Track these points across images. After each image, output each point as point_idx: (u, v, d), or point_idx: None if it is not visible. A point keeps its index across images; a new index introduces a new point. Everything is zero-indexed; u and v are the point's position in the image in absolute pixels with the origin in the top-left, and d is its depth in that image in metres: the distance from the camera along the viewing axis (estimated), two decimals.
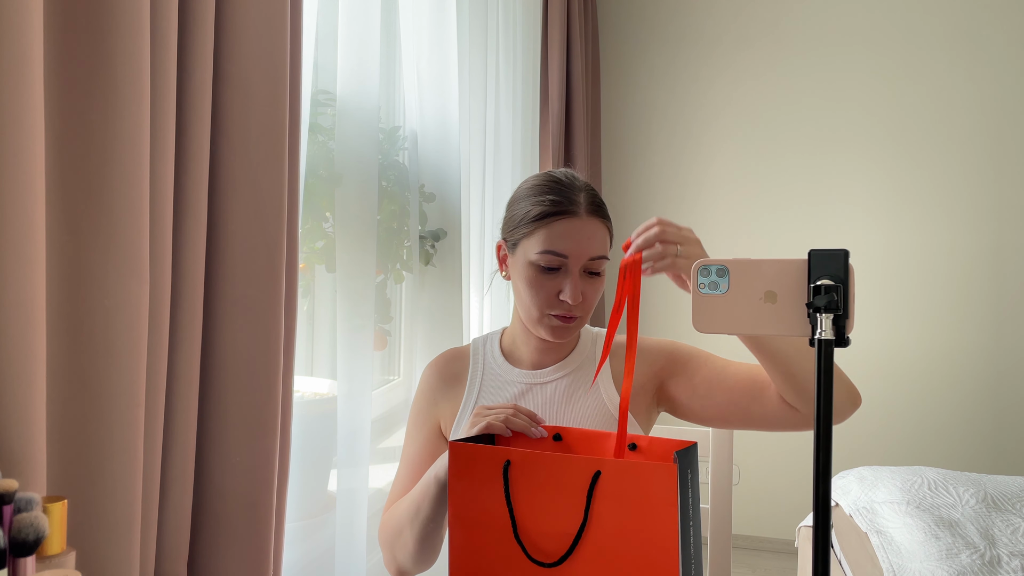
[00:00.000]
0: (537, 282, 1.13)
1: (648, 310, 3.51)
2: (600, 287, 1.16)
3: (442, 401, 1.25)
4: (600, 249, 1.14)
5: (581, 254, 1.12)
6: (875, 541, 2.09)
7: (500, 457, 0.98)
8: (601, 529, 0.92)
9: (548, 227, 1.12)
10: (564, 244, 1.11)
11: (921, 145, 3.22)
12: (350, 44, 1.47)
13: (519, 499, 0.97)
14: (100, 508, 0.78)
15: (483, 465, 0.99)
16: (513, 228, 1.17)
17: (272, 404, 0.99)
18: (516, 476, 0.97)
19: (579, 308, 1.14)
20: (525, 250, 1.14)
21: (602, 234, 1.15)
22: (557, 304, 1.13)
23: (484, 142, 2.25)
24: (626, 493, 0.91)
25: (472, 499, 1.00)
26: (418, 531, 1.10)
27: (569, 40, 2.87)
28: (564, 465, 0.94)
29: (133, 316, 0.79)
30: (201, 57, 0.89)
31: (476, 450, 1.00)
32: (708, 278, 0.80)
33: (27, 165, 0.67)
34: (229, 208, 0.96)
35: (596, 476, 0.92)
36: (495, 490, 0.98)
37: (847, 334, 0.73)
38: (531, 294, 1.14)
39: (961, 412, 3.21)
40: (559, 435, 1.08)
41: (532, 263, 1.13)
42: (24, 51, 0.66)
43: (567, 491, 0.94)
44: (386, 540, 1.17)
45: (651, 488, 0.89)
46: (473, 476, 1.00)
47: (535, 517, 0.96)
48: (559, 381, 1.21)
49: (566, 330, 1.15)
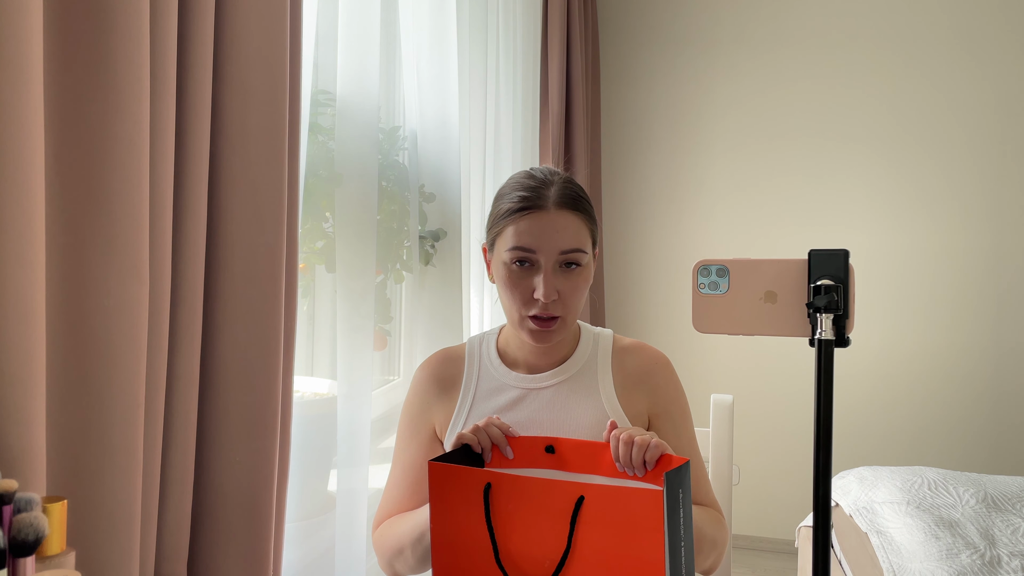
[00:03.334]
0: (511, 282, 1.10)
1: (648, 310, 3.51)
2: (580, 282, 1.11)
3: (436, 405, 1.21)
4: (572, 242, 1.09)
5: (551, 248, 1.08)
6: (875, 541, 2.09)
7: (481, 479, 0.94)
8: (586, 555, 0.89)
9: (515, 223, 1.09)
10: (530, 239, 1.08)
11: (921, 145, 3.22)
12: (350, 44, 1.47)
13: (500, 523, 0.94)
14: (100, 508, 0.78)
15: (463, 487, 0.95)
16: (489, 228, 1.16)
17: (272, 404, 0.99)
18: (497, 499, 0.94)
19: (557, 307, 1.09)
20: (499, 250, 1.12)
21: (575, 227, 1.10)
22: (533, 303, 1.09)
23: (484, 142, 2.25)
24: (611, 518, 0.88)
25: (453, 521, 0.97)
26: (421, 553, 1.08)
27: (569, 40, 2.87)
28: (547, 489, 0.91)
29: (133, 316, 0.79)
30: (201, 57, 0.89)
31: (455, 471, 0.96)
32: (708, 278, 0.80)
33: (27, 165, 0.67)
34: (229, 208, 0.96)
35: (580, 501, 0.89)
36: (476, 513, 0.95)
37: (847, 334, 0.73)
38: (507, 295, 1.11)
39: (961, 412, 3.21)
40: (551, 447, 1.04)
41: (505, 263, 1.11)
42: (24, 51, 0.66)
43: (550, 516, 0.91)
44: (384, 553, 1.15)
45: (637, 513, 0.86)
46: (453, 498, 0.96)
47: (517, 541, 0.93)
48: (558, 386, 1.16)
49: (547, 334, 1.11)
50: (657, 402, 1.18)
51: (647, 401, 1.18)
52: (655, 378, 1.19)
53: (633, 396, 1.17)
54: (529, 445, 1.05)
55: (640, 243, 3.52)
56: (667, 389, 1.19)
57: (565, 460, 1.03)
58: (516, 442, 1.06)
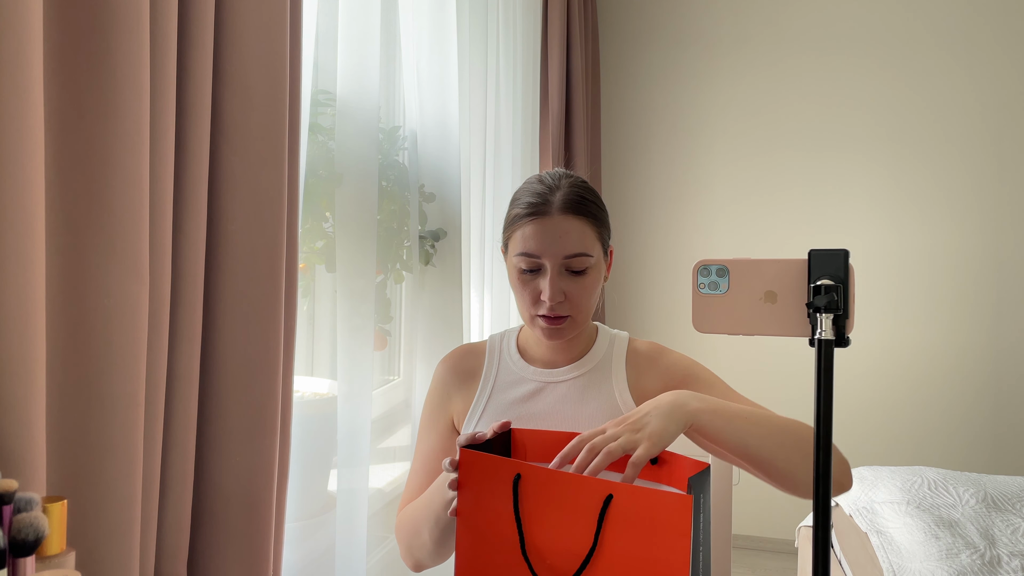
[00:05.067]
0: (520, 284, 1.15)
1: (648, 310, 3.51)
2: (588, 283, 1.15)
3: (455, 395, 1.25)
4: (576, 246, 1.12)
5: (555, 253, 1.12)
6: (875, 541, 2.09)
7: (511, 470, 0.95)
8: (611, 553, 0.89)
9: (521, 229, 1.14)
10: (535, 244, 1.12)
11: (921, 144, 3.22)
12: (350, 44, 1.47)
13: (528, 515, 0.94)
14: (100, 508, 0.78)
15: (493, 476, 0.96)
16: (504, 231, 1.21)
17: (272, 404, 0.99)
18: (527, 491, 0.94)
19: (565, 307, 1.13)
20: (511, 252, 1.17)
21: (579, 231, 1.13)
22: (540, 304, 1.14)
23: (484, 142, 2.25)
24: (638, 519, 0.87)
25: (480, 508, 0.98)
26: (437, 534, 1.11)
27: (569, 40, 2.87)
28: (576, 485, 0.91)
29: (133, 316, 0.79)
30: (201, 57, 0.89)
31: (487, 460, 0.97)
32: (708, 278, 0.80)
33: (27, 165, 0.67)
34: (229, 208, 0.96)
35: (608, 499, 0.89)
36: (504, 503, 0.96)
37: (847, 334, 0.73)
38: (518, 296, 1.17)
39: (961, 412, 3.21)
40: None
41: (515, 266, 1.16)
42: (24, 51, 0.66)
43: (578, 512, 0.91)
44: (404, 538, 1.18)
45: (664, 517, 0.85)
46: (482, 486, 0.97)
47: (544, 535, 0.94)
48: (573, 381, 1.20)
49: (557, 331, 1.15)
50: (673, 375, 1.20)
51: (663, 383, 1.19)
52: (663, 359, 1.22)
53: (646, 386, 1.19)
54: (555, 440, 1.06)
55: (640, 243, 3.52)
56: (678, 361, 1.22)
57: None
58: (538, 436, 1.07)
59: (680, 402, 0.98)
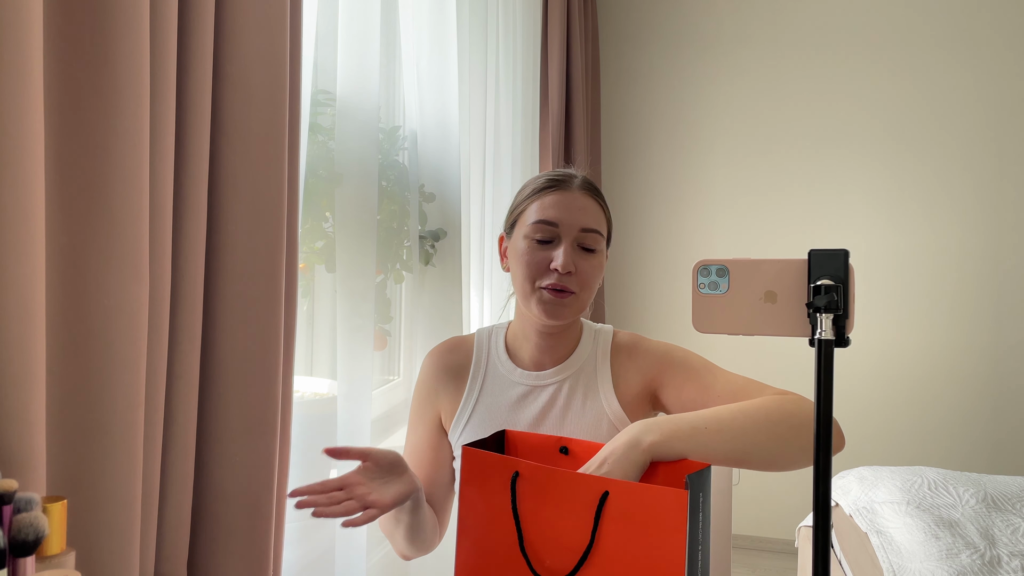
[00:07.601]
0: (529, 254, 1.14)
1: (648, 310, 3.51)
2: (596, 266, 1.16)
3: (442, 392, 1.25)
4: (592, 222, 1.15)
5: (572, 223, 1.14)
6: (875, 541, 2.09)
7: (510, 468, 0.97)
8: (608, 550, 0.90)
9: (540, 199, 1.16)
10: (555, 212, 1.14)
11: (921, 144, 3.22)
12: (350, 44, 1.47)
13: (526, 511, 0.96)
14: (100, 508, 0.77)
15: (493, 473, 0.98)
16: (511, 211, 1.22)
17: (272, 404, 0.99)
18: (525, 488, 0.96)
19: (573, 282, 1.13)
20: (521, 227, 1.17)
21: (595, 210, 1.17)
22: (548, 274, 1.13)
23: (484, 142, 2.25)
24: (635, 516, 0.88)
25: (481, 505, 0.99)
26: (403, 534, 1.16)
27: (569, 40, 2.87)
28: (573, 482, 0.92)
29: (133, 316, 0.79)
30: (201, 57, 0.89)
31: (486, 457, 0.99)
32: (708, 278, 0.80)
33: (27, 165, 0.67)
34: (229, 208, 0.96)
35: (604, 496, 0.90)
36: (503, 500, 0.97)
37: (847, 334, 0.73)
38: (523, 266, 1.15)
39: (961, 412, 3.21)
40: (565, 447, 1.05)
41: (526, 236, 1.15)
42: (24, 51, 0.66)
43: (575, 508, 0.92)
44: (386, 534, 1.22)
45: (660, 513, 0.86)
46: (483, 483, 0.99)
47: (541, 532, 0.95)
48: (559, 385, 1.20)
49: (559, 305, 1.13)
50: (651, 365, 1.19)
51: (641, 376, 1.19)
52: (638, 351, 1.21)
53: (629, 384, 1.19)
54: (542, 444, 1.07)
55: (640, 243, 3.52)
56: (653, 349, 1.21)
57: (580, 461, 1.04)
58: (531, 439, 1.08)
59: (634, 441, 0.96)
